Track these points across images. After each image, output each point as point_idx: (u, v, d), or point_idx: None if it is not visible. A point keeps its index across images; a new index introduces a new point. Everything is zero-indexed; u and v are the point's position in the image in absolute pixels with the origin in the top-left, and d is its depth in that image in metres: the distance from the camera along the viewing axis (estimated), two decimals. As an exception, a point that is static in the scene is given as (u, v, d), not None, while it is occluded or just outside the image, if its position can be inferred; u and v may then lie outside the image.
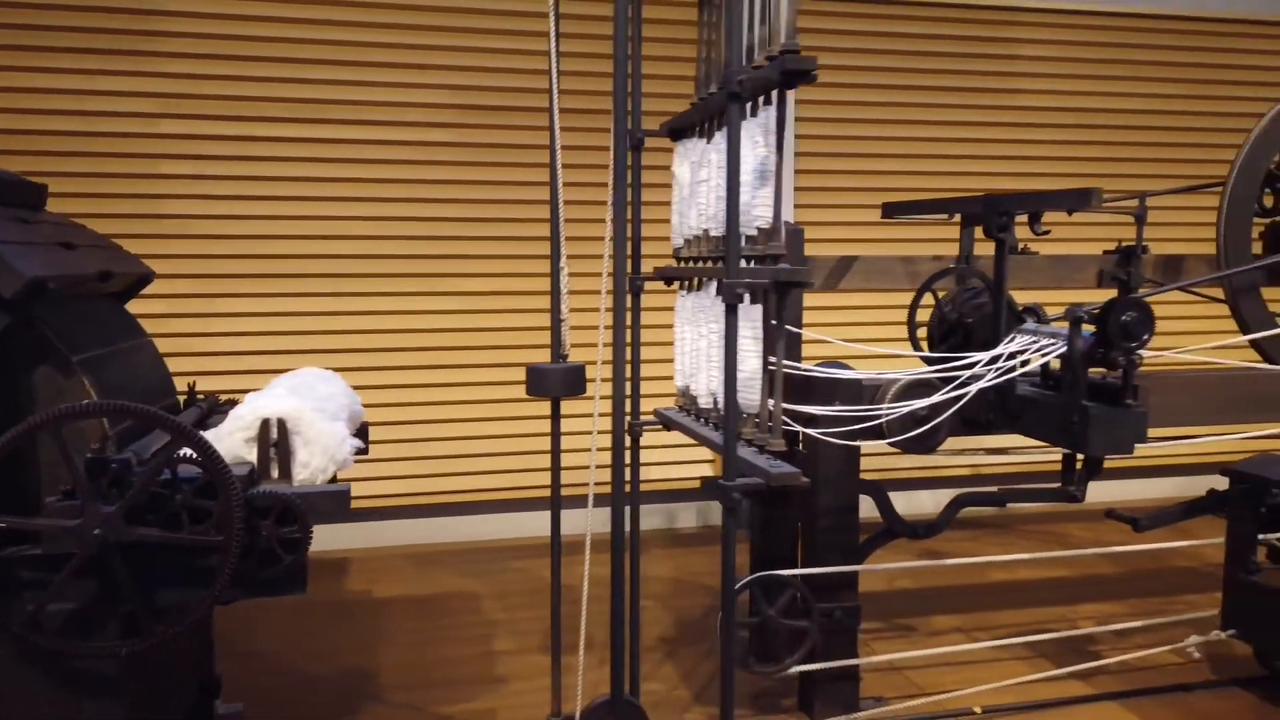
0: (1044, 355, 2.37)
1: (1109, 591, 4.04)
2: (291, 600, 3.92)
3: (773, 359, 1.89)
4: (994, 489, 3.06)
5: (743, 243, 1.92)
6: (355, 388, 3.44)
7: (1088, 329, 2.36)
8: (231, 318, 4.39)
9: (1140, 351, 2.31)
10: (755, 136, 1.84)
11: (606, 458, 2.51)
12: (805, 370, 2.72)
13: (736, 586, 2.73)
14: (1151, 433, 3.32)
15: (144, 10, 4.22)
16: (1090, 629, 3.47)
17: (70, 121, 4.18)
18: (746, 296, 1.91)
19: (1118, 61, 5.31)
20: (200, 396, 2.78)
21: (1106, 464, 3.02)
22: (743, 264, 1.95)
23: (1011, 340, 2.56)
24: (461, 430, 4.65)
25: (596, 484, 2.89)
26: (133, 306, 2.77)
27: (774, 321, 1.86)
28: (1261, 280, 3.51)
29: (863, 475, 2.87)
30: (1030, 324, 2.58)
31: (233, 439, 2.12)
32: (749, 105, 1.89)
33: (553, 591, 2.69)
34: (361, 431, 2.95)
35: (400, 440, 4.56)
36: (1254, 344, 3.29)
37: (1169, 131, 5.39)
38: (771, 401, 1.87)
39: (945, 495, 3.21)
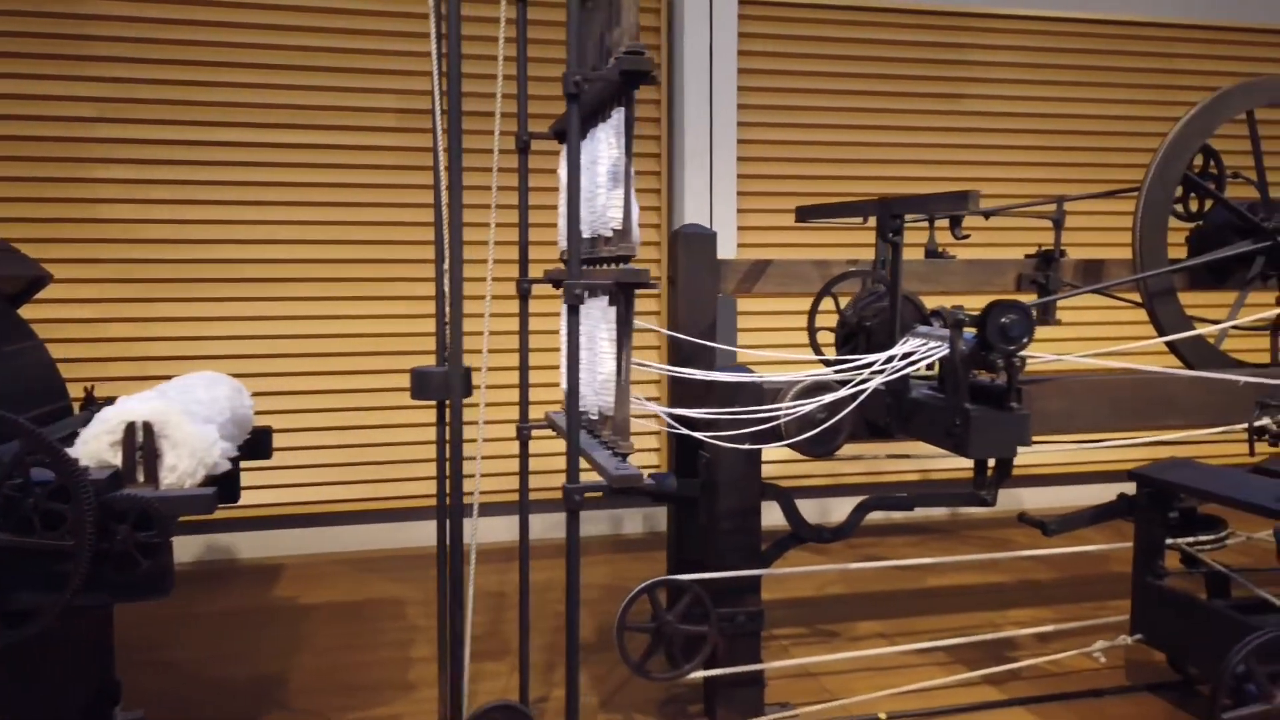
0: (927, 358, 2.36)
1: (1042, 596, 4.02)
2: (217, 606, 3.93)
3: (644, 360, 1.88)
4: (903, 494, 3.05)
5: (601, 243, 1.91)
6: (262, 393, 3.43)
7: (972, 332, 2.35)
8: (138, 322, 4.37)
9: (1022, 353, 2.30)
10: (610, 139, 1.83)
11: (507, 465, 2.51)
12: (704, 376, 2.71)
13: (635, 592, 2.73)
14: (1065, 437, 3.33)
15: None
16: (1010, 633, 3.45)
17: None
18: (605, 298, 1.90)
19: (1070, 67, 5.31)
20: (98, 400, 2.76)
21: (1039, 470, 3.01)
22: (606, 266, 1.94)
23: (905, 342, 2.55)
24: (382, 436, 4.62)
25: (510, 491, 2.89)
26: (41, 310, 2.76)
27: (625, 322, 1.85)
28: (1183, 284, 3.51)
29: (792, 483, 2.86)
30: (924, 327, 2.56)
31: (98, 442, 2.10)
32: (607, 108, 1.88)
33: (439, 596, 2.64)
34: (262, 436, 2.94)
35: (320, 446, 4.55)
36: (1171, 347, 3.29)
37: (1120, 136, 5.40)
38: (631, 402, 1.86)
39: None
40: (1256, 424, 2.81)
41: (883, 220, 2.59)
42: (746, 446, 2.57)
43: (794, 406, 2.61)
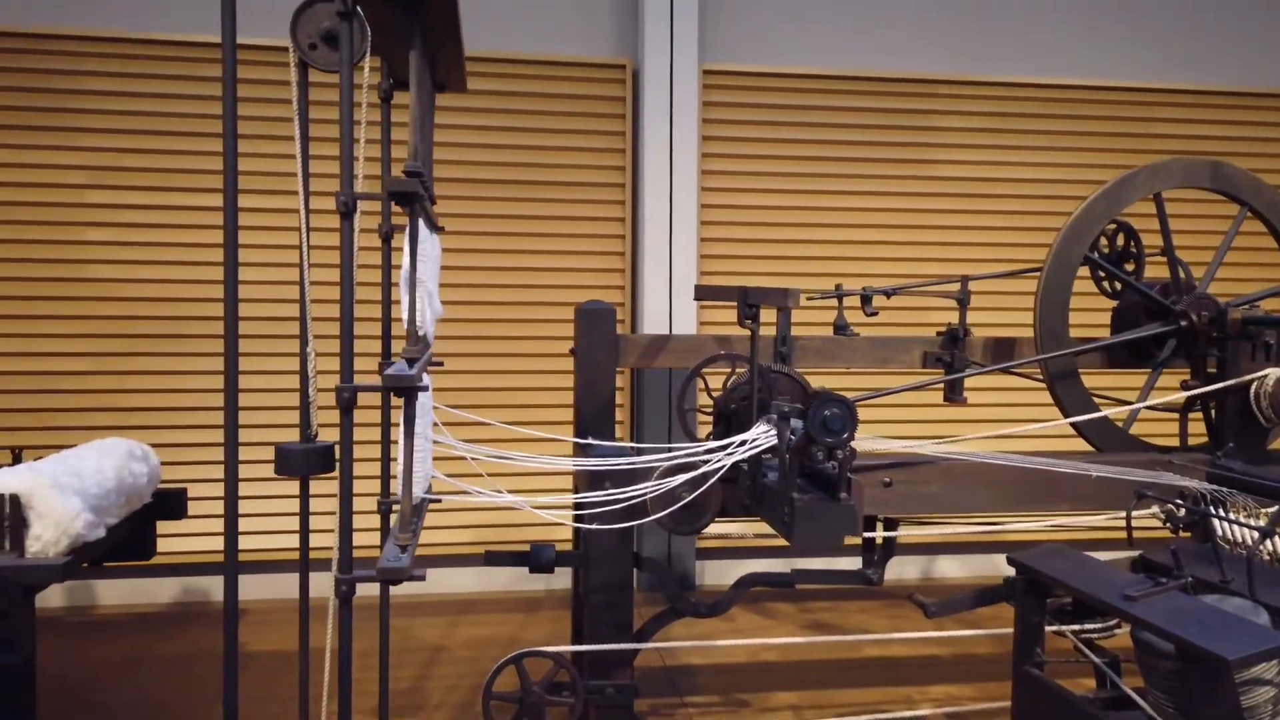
0: (754, 447, 2.42)
1: (975, 670, 3.97)
2: (171, 650, 4.12)
3: (427, 446, 2.00)
4: (788, 570, 3.09)
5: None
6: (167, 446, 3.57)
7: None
8: (61, 375, 4.61)
9: (849, 445, 2.34)
10: (406, 247, 1.97)
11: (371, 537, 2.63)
12: (577, 464, 2.81)
13: (502, 661, 2.82)
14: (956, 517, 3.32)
15: None
16: (921, 711, 3.43)
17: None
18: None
19: (1033, 132, 5.30)
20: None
21: (949, 539, 2.98)
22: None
23: (758, 426, 2.61)
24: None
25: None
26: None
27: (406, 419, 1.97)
28: (1103, 363, 3.49)
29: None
30: (774, 414, 2.62)
31: (-31, 512, 2.30)
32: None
33: (300, 659, 2.75)
34: (173, 498, 3.13)
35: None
36: (1077, 429, 3.27)
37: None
38: (412, 493, 1.97)
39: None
40: (1139, 512, 2.80)
41: (741, 306, 2.67)
42: (601, 527, 2.65)
43: (654, 486, 2.68)
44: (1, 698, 2.73)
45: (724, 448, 2.58)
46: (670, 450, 2.62)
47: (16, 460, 3.01)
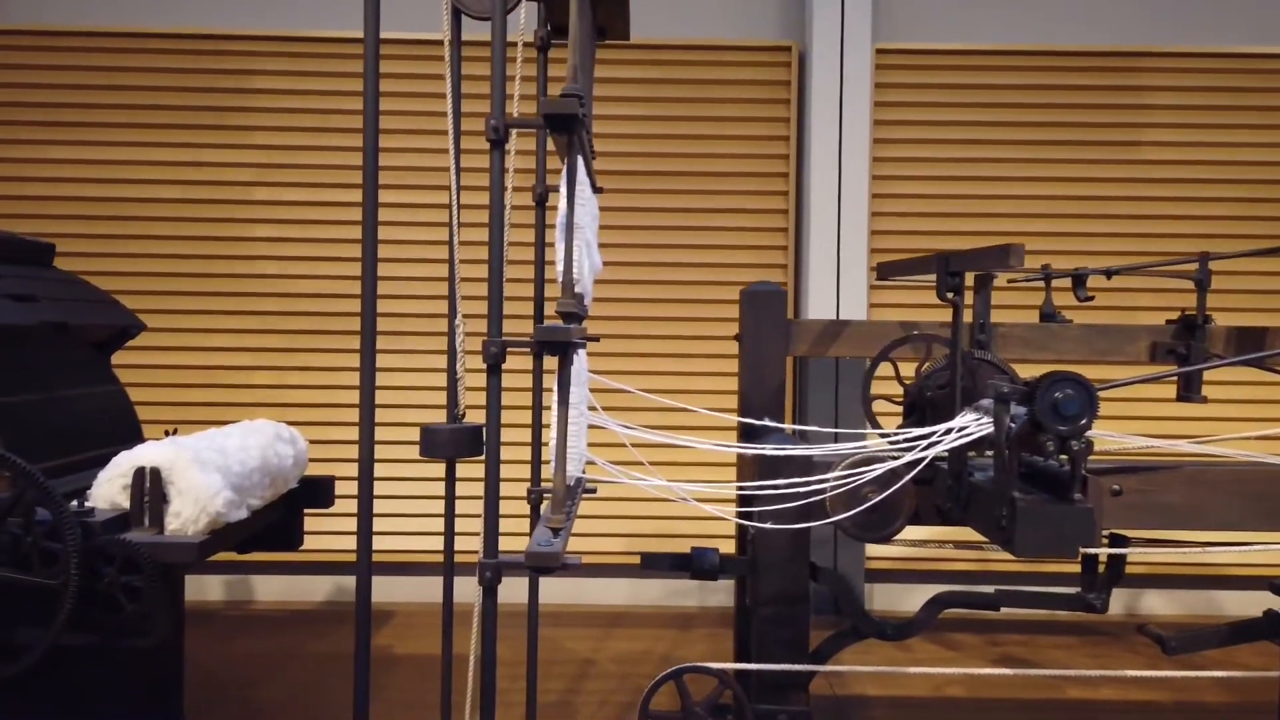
0: (967, 436, 2.03)
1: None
2: (321, 648, 4.03)
3: (583, 419, 1.73)
4: (990, 589, 2.66)
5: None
6: (319, 441, 3.47)
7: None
8: (224, 368, 4.65)
9: (1085, 435, 1.93)
10: (562, 188, 1.71)
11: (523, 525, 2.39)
12: (748, 449, 2.49)
13: (661, 676, 2.52)
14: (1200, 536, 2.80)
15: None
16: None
17: (72, 188, 4.64)
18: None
19: (1244, 108, 4.63)
20: (176, 443, 2.91)
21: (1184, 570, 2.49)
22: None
23: (963, 415, 2.22)
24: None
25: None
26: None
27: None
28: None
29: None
30: (987, 400, 2.22)
31: (110, 485, 2.20)
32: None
33: (443, 664, 2.54)
34: (317, 486, 3.00)
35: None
36: (1351, 434, 2.70)
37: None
38: (566, 469, 1.70)
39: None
40: None
41: (940, 277, 2.29)
42: (774, 525, 2.32)
43: (836, 480, 2.34)
44: (139, 681, 2.65)
45: (923, 438, 2.20)
46: (859, 440, 2.27)
47: (169, 437, 2.95)
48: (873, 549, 4.52)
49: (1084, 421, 1.90)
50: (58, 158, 4.64)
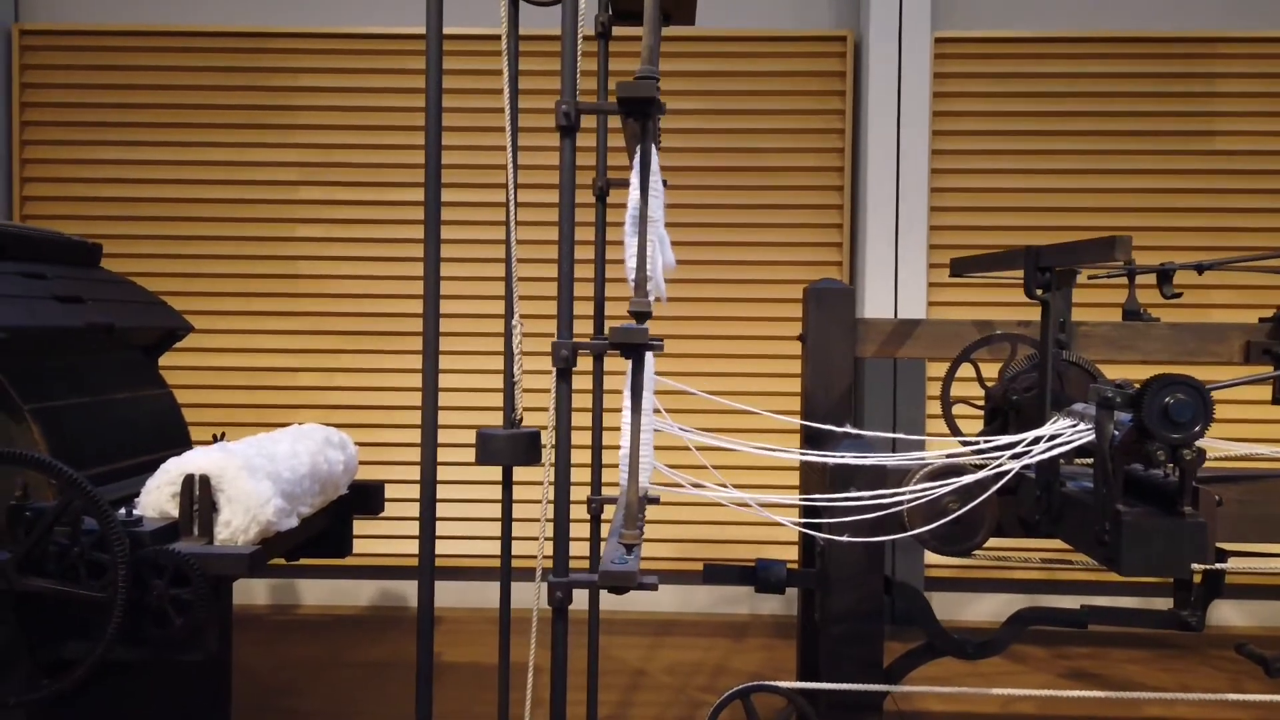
0: (1063, 445, 1.88)
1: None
2: (366, 656, 3.96)
3: (651, 426, 1.61)
4: (1078, 605, 2.50)
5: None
6: (366, 444, 3.39)
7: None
8: (270, 370, 4.60)
9: (1197, 444, 1.78)
10: (634, 180, 1.60)
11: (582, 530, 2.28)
12: (820, 456, 2.36)
13: (728, 694, 2.40)
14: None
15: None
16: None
17: (119, 188, 4.61)
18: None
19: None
20: (223, 447, 2.84)
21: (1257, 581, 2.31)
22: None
23: (1055, 422, 2.07)
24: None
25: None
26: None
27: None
28: None
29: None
30: (1081, 405, 2.08)
31: (159, 493, 2.12)
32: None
33: (500, 674, 2.43)
34: (368, 492, 2.92)
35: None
36: None
37: None
38: (638, 484, 1.59)
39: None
40: None
41: (1029, 272, 2.15)
42: (849, 538, 2.18)
43: (916, 492, 2.20)
44: (188, 693, 2.58)
45: (1010, 446, 2.06)
46: (940, 447, 2.13)
47: (218, 442, 2.88)
48: (931, 556, 4.36)
49: (1197, 429, 1.75)
50: (105, 158, 4.62)
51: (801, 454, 2.21)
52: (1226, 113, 4.46)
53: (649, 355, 1.99)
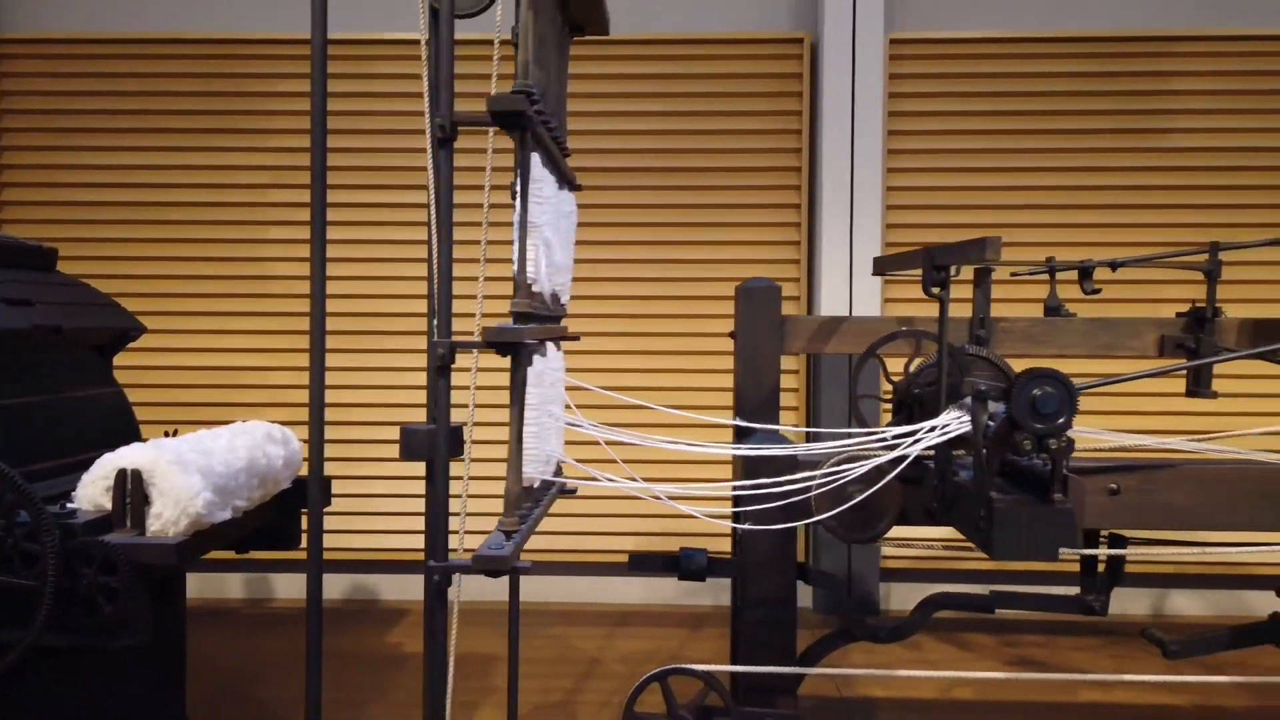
0: (941, 435, 1.98)
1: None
2: (331, 646, 4.06)
3: (539, 418, 1.71)
4: (985, 590, 2.59)
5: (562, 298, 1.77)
6: (332, 441, 3.48)
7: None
8: (239, 369, 4.71)
9: (1066, 434, 1.86)
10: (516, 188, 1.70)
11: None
12: (726, 448, 2.46)
13: (645, 678, 2.49)
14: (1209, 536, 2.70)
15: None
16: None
17: (95, 193, 4.73)
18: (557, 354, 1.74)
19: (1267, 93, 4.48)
20: (174, 445, 2.94)
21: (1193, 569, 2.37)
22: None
23: (947, 413, 2.17)
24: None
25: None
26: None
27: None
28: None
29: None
30: (967, 395, 2.17)
31: (94, 487, 2.22)
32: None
33: (426, 668, 2.52)
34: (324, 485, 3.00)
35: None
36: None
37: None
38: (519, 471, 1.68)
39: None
40: None
41: (926, 270, 2.24)
42: (755, 526, 2.28)
43: (819, 477, 2.29)
44: (139, 679, 2.68)
45: (904, 436, 2.15)
46: (847, 438, 2.22)
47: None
48: (890, 549, 4.45)
49: (1062, 420, 1.84)
50: (82, 164, 4.73)
51: (701, 445, 2.30)
52: (1183, 110, 4.53)
53: (556, 351, 2.10)
